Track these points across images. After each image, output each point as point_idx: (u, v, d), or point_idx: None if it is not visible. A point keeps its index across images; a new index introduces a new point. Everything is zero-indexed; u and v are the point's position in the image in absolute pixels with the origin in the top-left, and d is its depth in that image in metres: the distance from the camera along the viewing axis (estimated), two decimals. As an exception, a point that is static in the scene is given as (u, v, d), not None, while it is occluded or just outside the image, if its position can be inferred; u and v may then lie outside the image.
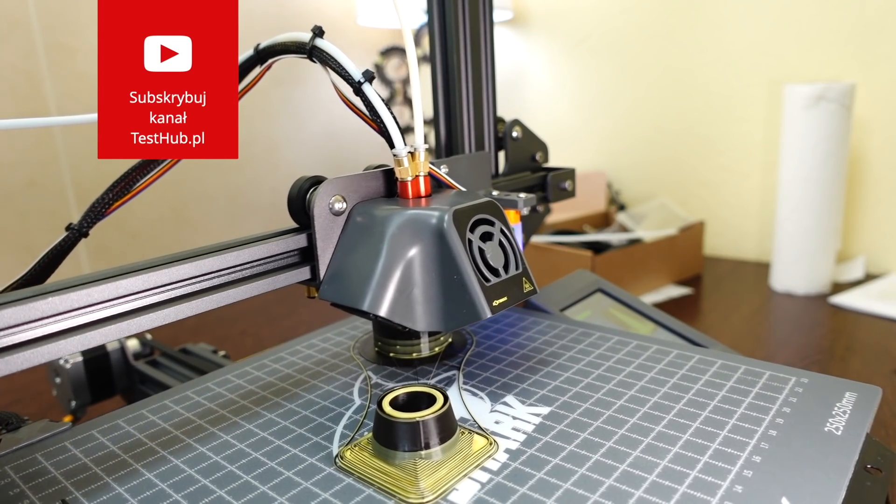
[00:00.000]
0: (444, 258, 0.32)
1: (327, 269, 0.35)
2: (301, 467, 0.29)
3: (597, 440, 0.29)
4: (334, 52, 0.35)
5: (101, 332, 0.27)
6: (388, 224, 0.33)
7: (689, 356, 0.37)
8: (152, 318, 0.28)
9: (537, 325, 0.44)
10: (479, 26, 0.50)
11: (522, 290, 0.34)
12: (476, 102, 0.51)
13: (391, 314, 0.32)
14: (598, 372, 0.36)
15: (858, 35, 0.98)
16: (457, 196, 0.36)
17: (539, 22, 1.33)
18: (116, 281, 0.27)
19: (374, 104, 0.35)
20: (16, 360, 0.25)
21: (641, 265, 0.95)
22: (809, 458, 0.27)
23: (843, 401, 0.32)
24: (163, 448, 0.31)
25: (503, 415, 0.33)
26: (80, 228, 0.36)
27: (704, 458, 0.27)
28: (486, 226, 0.34)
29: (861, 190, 1.02)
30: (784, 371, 0.35)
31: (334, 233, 0.35)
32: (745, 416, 0.31)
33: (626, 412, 0.32)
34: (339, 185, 0.35)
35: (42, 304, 0.25)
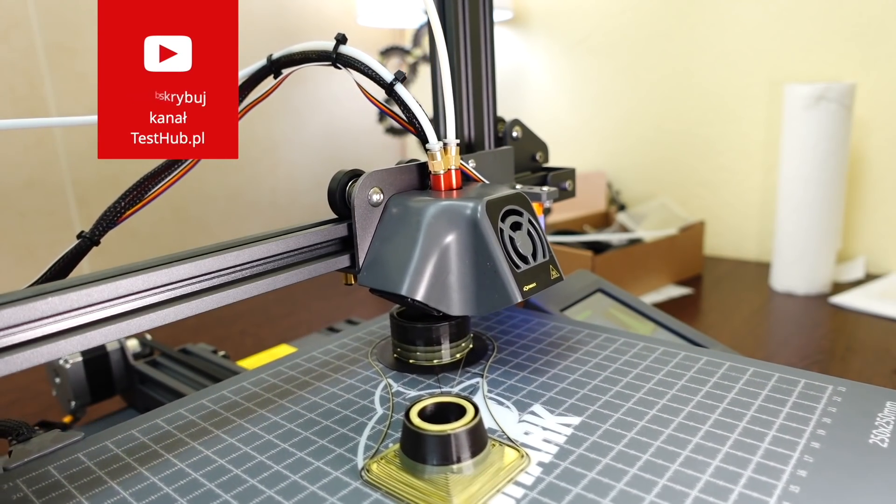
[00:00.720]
0: (478, 246, 0.34)
1: (366, 257, 0.37)
2: (326, 481, 0.27)
3: (633, 452, 0.28)
4: (362, 56, 0.36)
5: (101, 332, 0.27)
6: (424, 214, 0.35)
7: (719, 363, 0.36)
8: (152, 318, 0.28)
9: (552, 329, 0.43)
10: (479, 26, 0.50)
11: (550, 277, 0.36)
12: (476, 102, 0.51)
13: (427, 298, 0.34)
14: (626, 380, 0.35)
15: (859, 35, 0.98)
16: (486, 188, 0.38)
17: (539, 22, 1.33)
18: (116, 281, 0.27)
19: (407, 103, 0.37)
20: (16, 360, 0.24)
21: (641, 265, 0.95)
22: (857, 472, 0.26)
23: (884, 411, 0.30)
24: (180, 460, 0.30)
25: (532, 425, 0.31)
26: (91, 237, 0.36)
27: (747, 472, 0.26)
28: (516, 216, 0.36)
29: (861, 190, 1.02)
30: (820, 379, 0.34)
31: (372, 223, 0.37)
32: (785, 426, 0.29)
33: (661, 422, 0.30)
34: (376, 178, 0.37)
35: (42, 304, 0.25)
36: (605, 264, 0.89)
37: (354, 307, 0.95)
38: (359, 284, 0.37)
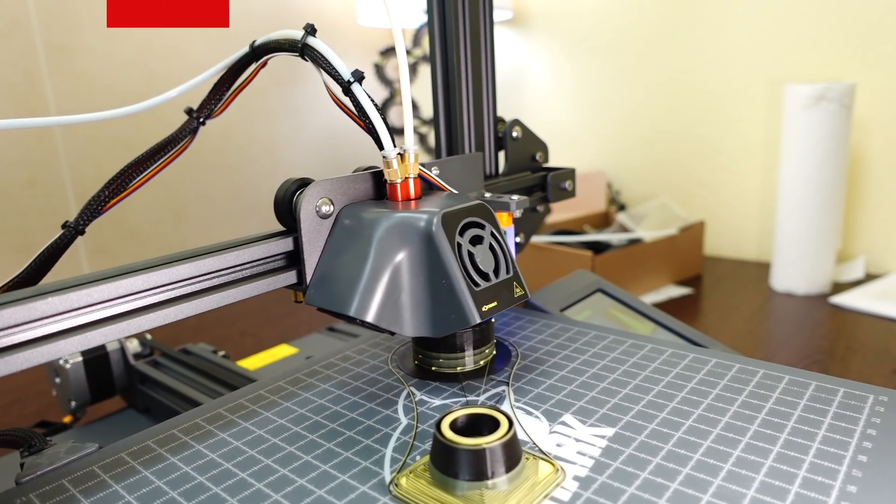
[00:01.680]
0: (433, 262, 0.32)
1: (314, 273, 0.34)
2: (353, 496, 0.26)
3: (672, 466, 0.27)
4: (325, 50, 0.35)
5: (101, 332, 0.27)
6: (375, 227, 0.33)
7: (753, 371, 0.35)
8: (152, 318, 0.28)
9: (560, 330, 0.42)
10: (479, 26, 0.50)
11: (513, 295, 0.34)
12: (476, 102, 0.51)
13: (378, 319, 0.32)
14: (658, 388, 0.34)
15: (859, 35, 0.98)
16: (447, 199, 0.35)
17: (539, 22, 1.33)
18: (116, 281, 0.27)
19: (362, 104, 0.35)
20: (16, 360, 0.24)
21: (641, 265, 0.95)
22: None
23: None
24: (199, 473, 0.29)
25: (564, 437, 0.30)
26: (76, 226, 0.36)
27: (794, 487, 0.25)
28: (477, 229, 0.34)
29: (861, 190, 1.02)
30: (860, 388, 0.33)
31: (321, 236, 0.34)
32: (829, 439, 0.28)
33: (698, 434, 0.29)
34: (326, 188, 0.34)
35: (42, 305, 0.25)
36: (605, 264, 0.89)
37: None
38: (306, 303, 0.34)
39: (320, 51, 0.35)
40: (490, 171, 0.53)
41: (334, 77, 0.35)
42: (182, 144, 0.39)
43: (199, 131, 0.39)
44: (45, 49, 0.92)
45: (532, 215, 0.54)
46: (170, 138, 0.38)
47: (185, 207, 1.12)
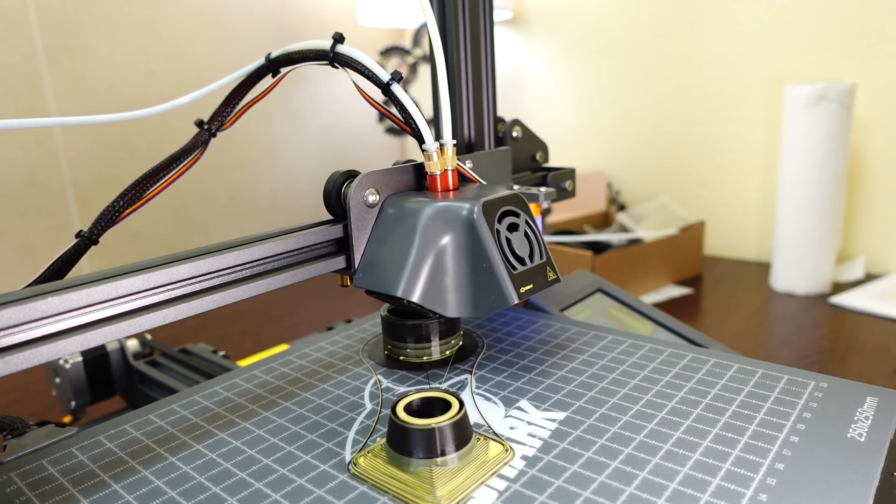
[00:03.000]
0: (474, 247, 0.34)
1: (361, 259, 0.36)
2: (314, 474, 0.28)
3: (615, 447, 0.29)
4: (359, 55, 0.36)
5: (101, 332, 0.27)
6: (420, 215, 0.35)
7: (704, 360, 0.37)
8: (152, 318, 0.28)
9: (546, 328, 0.44)
10: (479, 26, 0.50)
11: (547, 278, 0.36)
12: (476, 102, 0.51)
13: (423, 300, 0.34)
14: (612, 376, 0.36)
15: (859, 35, 0.98)
16: (483, 189, 0.37)
17: (539, 22, 1.33)
18: (116, 281, 0.27)
19: (403, 103, 0.37)
20: (16, 360, 0.24)
21: (641, 265, 0.95)
22: (833, 465, 0.26)
23: (864, 406, 0.31)
24: (171, 454, 0.30)
25: (518, 420, 0.32)
26: (90, 235, 0.37)
27: (726, 465, 0.27)
28: (513, 217, 0.36)
29: (861, 190, 1.02)
30: (802, 375, 0.34)
31: (368, 224, 0.36)
32: (766, 421, 0.30)
33: (644, 417, 0.31)
34: (372, 179, 0.36)
35: (42, 304, 0.25)
36: (605, 264, 0.89)
37: (354, 307, 0.95)
38: (354, 286, 0.36)
39: (354, 56, 0.36)
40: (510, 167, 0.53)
41: (372, 80, 0.36)
42: (194, 156, 0.40)
43: (210, 143, 0.40)
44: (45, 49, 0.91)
45: (532, 215, 0.54)
46: (182, 150, 0.39)
47: (186, 207, 1.12)
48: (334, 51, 0.36)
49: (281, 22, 1.24)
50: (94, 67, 0.97)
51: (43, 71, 0.92)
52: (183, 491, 0.27)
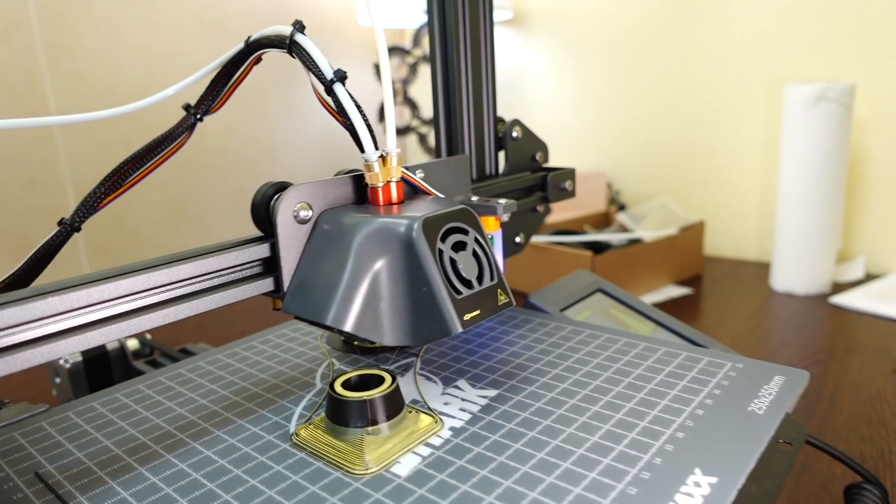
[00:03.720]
0: (413, 269, 0.31)
1: (292, 280, 0.33)
2: (259, 443, 0.31)
3: (536, 419, 0.31)
4: (310, 48, 0.34)
5: (101, 332, 0.27)
6: (355, 233, 0.32)
7: (636, 344, 0.39)
8: (152, 318, 0.28)
9: (506, 318, 0.46)
10: (479, 26, 0.50)
11: (497, 303, 0.33)
12: (476, 102, 0.51)
13: (357, 329, 0.31)
14: (547, 358, 0.38)
15: (858, 35, 0.98)
16: (430, 203, 0.35)
17: (539, 22, 1.33)
18: (117, 281, 0.27)
19: (343, 104, 0.34)
20: (16, 360, 0.25)
21: (641, 265, 0.95)
22: (728, 434, 0.29)
23: (770, 384, 0.34)
24: (132, 427, 0.34)
25: (453, 397, 0.34)
26: (72, 223, 0.36)
27: (632, 434, 0.30)
28: (460, 234, 0.33)
29: (861, 190, 1.02)
30: (722, 357, 0.37)
31: (299, 242, 0.33)
32: (678, 397, 0.33)
33: (568, 394, 0.34)
34: (304, 192, 0.33)
35: (42, 304, 0.25)
36: (605, 264, 0.89)
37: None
38: (283, 311, 0.33)
39: (306, 48, 0.34)
40: (490, 172, 0.53)
41: (317, 75, 0.34)
42: (179, 140, 0.39)
43: (196, 127, 0.39)
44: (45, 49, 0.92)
45: (532, 215, 0.54)
46: (166, 134, 0.38)
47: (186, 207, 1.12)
48: (292, 38, 0.34)
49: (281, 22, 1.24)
50: (93, 68, 0.97)
51: (43, 71, 0.92)
52: (138, 458, 0.31)
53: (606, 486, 0.26)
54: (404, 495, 0.26)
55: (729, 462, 0.27)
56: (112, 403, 0.36)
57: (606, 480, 0.26)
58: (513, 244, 0.53)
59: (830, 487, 0.49)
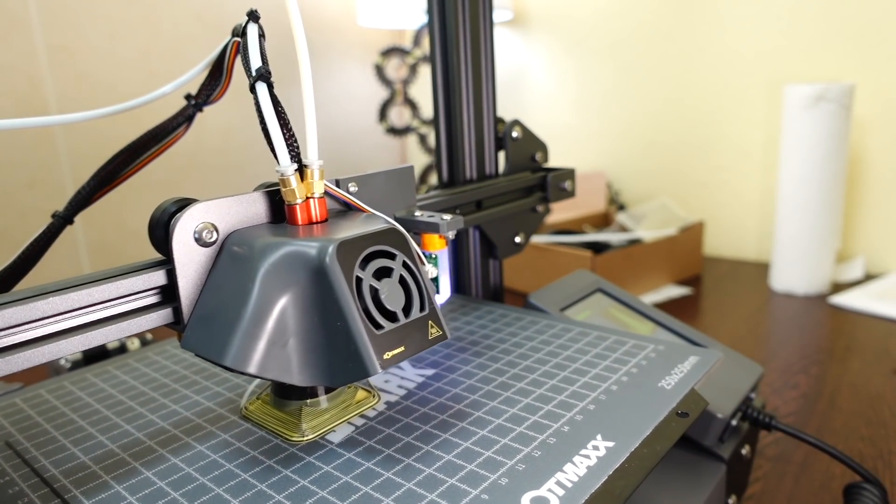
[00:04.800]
0: (326, 301, 0.27)
1: (192, 312, 0.29)
2: (211, 416, 0.34)
3: (465, 394, 0.34)
4: (250, 40, 0.31)
5: (102, 332, 0.27)
6: (260, 259, 0.27)
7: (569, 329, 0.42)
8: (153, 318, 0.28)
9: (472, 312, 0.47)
10: (480, 27, 0.50)
11: (427, 337, 0.29)
12: (476, 102, 0.51)
13: (262, 370, 0.27)
14: (487, 342, 0.41)
15: (858, 36, 0.98)
16: (355, 223, 0.31)
17: (539, 22, 1.33)
18: (117, 281, 0.27)
19: (261, 107, 0.29)
20: (17, 359, 0.25)
21: (641, 265, 0.95)
22: (635, 406, 0.32)
23: (684, 363, 0.36)
24: (98, 403, 0.37)
25: (393, 375, 0.37)
26: (65, 215, 0.36)
27: (548, 406, 0.32)
28: (385, 259, 0.29)
29: (861, 190, 1.02)
30: (646, 340, 0.39)
31: (202, 267, 0.29)
32: (598, 375, 0.35)
33: (498, 373, 0.36)
34: (209, 210, 0.29)
35: (43, 304, 0.25)
36: (605, 264, 0.89)
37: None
38: (182, 347, 0.29)
39: (247, 39, 0.31)
40: (490, 172, 0.53)
41: (245, 70, 0.30)
42: (177, 133, 0.38)
43: (194, 118, 0.39)
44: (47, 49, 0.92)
45: (532, 215, 0.54)
46: (163, 125, 0.38)
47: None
48: (244, 28, 0.31)
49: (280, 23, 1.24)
50: (94, 68, 0.97)
51: (44, 71, 0.92)
52: (100, 429, 0.33)
53: (515, 450, 0.29)
54: (333, 458, 0.29)
55: (628, 429, 0.30)
56: (81, 382, 0.40)
57: (516, 445, 0.29)
58: (512, 244, 0.53)
59: (830, 487, 0.49)
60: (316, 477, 0.28)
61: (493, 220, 0.50)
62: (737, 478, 0.44)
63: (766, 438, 0.56)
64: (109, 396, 0.37)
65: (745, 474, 0.47)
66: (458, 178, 0.51)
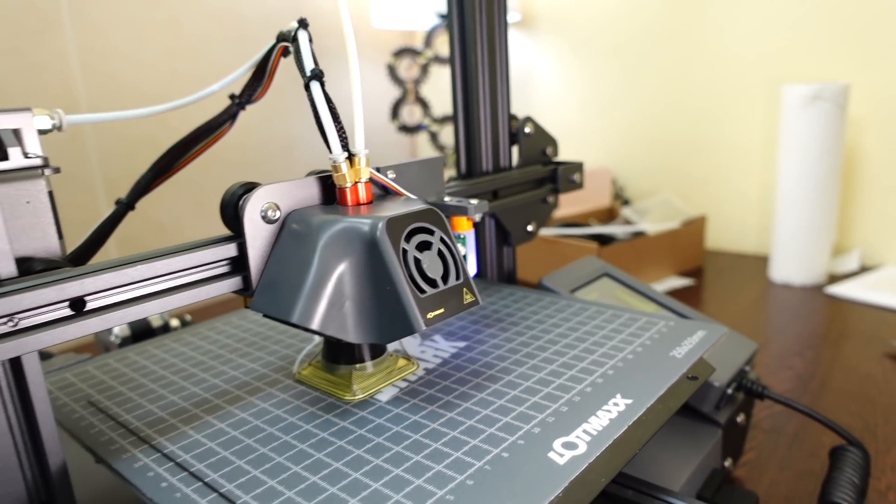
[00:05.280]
0: (377, 269, 0.31)
1: (260, 279, 0.33)
2: (267, 380, 0.38)
3: (495, 362, 0.38)
4: (302, 44, 0.35)
5: (179, 297, 0.31)
6: (320, 233, 0.32)
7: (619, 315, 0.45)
8: (224, 285, 0.32)
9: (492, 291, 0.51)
10: (495, 29, 0.54)
11: (462, 302, 0.33)
12: (492, 100, 0.55)
13: (323, 327, 0.31)
14: (512, 319, 0.44)
15: (853, 38, 1.02)
16: (397, 204, 0.35)
17: (546, 24, 1.37)
18: (194, 252, 0.31)
19: (315, 102, 0.34)
20: (111, 317, 0.29)
21: (645, 257, 0.99)
22: (649, 371, 0.35)
23: (693, 336, 0.40)
24: (164, 369, 0.41)
25: (429, 347, 0.41)
26: (128, 202, 0.41)
27: (571, 372, 0.36)
28: (425, 235, 0.33)
29: (856, 186, 1.06)
30: (657, 317, 0.43)
31: (267, 241, 0.33)
32: (615, 346, 0.39)
33: (524, 345, 0.40)
34: (272, 193, 0.33)
35: (132, 271, 0.29)
36: (610, 255, 0.93)
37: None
38: (251, 309, 0.34)
39: (299, 44, 0.35)
40: (504, 164, 0.57)
41: (299, 70, 0.35)
42: (223, 129, 0.42)
43: (238, 116, 0.43)
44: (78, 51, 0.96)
45: (543, 206, 0.58)
46: (210, 122, 0.42)
47: (207, 201, 1.16)
48: (295, 34, 0.36)
49: (297, 24, 1.29)
50: (122, 67, 1.01)
51: (75, 71, 0.96)
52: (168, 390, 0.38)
53: (544, 406, 0.32)
54: (383, 413, 0.33)
55: (644, 389, 0.33)
56: (146, 352, 0.44)
57: (545, 403, 0.33)
58: (525, 232, 0.57)
59: (819, 455, 0.53)
60: (371, 427, 0.32)
61: (507, 209, 0.54)
62: (732, 442, 0.48)
63: (760, 413, 0.60)
64: (171, 364, 0.42)
65: (741, 440, 0.51)
66: (475, 170, 0.55)
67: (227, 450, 0.31)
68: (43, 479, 0.30)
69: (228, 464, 0.29)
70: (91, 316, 0.28)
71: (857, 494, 0.41)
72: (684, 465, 0.42)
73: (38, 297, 0.27)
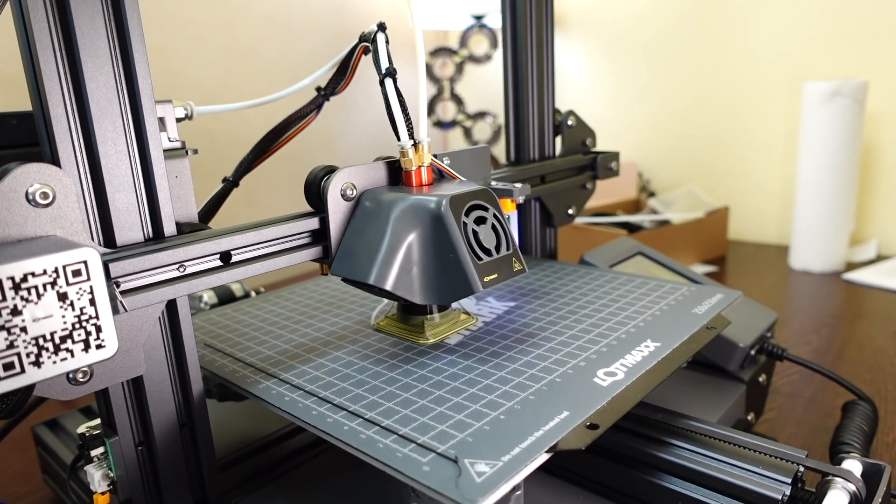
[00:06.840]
0: (442, 239, 0.36)
1: (338, 248, 0.38)
2: (349, 331, 0.44)
3: (544, 317, 0.44)
4: (380, 46, 0.40)
5: (272, 262, 0.36)
6: (392, 208, 0.37)
7: (647, 282, 0.51)
8: (307, 254, 0.39)
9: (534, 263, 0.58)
10: (543, 29, 0.60)
11: (512, 269, 0.38)
12: (539, 95, 0.61)
13: (395, 287, 0.36)
14: (554, 285, 0.51)
15: (871, 36, 1.07)
16: (455, 185, 0.40)
17: (577, 25, 1.43)
18: (285, 224, 0.37)
19: (388, 97, 0.39)
20: (250, 269, 0.35)
21: (670, 244, 1.05)
22: (674, 324, 0.42)
23: (712, 298, 0.46)
24: (260, 323, 0.48)
25: (484, 305, 0.47)
26: (233, 179, 0.47)
27: (609, 323, 0.42)
28: (481, 211, 0.38)
29: (873, 179, 1.11)
30: (680, 284, 0.49)
31: (345, 216, 0.39)
32: (645, 305, 0.45)
33: (570, 306, 0.46)
34: (350, 174, 0.39)
35: (266, 231, 0.36)
36: (638, 243, 0.98)
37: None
38: (331, 274, 0.39)
39: (377, 45, 0.40)
40: (549, 153, 0.63)
41: (376, 68, 0.40)
42: (309, 117, 0.48)
43: (323, 106, 0.49)
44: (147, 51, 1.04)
45: (582, 191, 0.64)
46: (299, 111, 0.48)
47: (257, 192, 1.24)
48: (374, 36, 0.41)
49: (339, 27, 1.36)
50: (183, 66, 1.09)
51: (142, 69, 1.04)
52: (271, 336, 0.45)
53: (587, 348, 0.39)
54: (454, 352, 0.39)
55: (670, 336, 0.40)
56: (240, 310, 0.52)
57: (588, 346, 0.39)
58: (566, 215, 0.63)
59: (834, 414, 0.59)
60: (445, 361, 0.38)
61: (551, 194, 0.61)
62: (754, 399, 0.54)
63: (780, 380, 0.65)
64: (265, 319, 0.48)
65: (762, 398, 0.57)
66: (523, 158, 0.61)
67: (343, 381, 0.37)
68: (185, 405, 0.36)
69: (346, 392, 0.36)
70: (236, 267, 0.35)
71: (864, 439, 0.47)
72: (713, 412, 0.48)
73: (200, 249, 0.34)
